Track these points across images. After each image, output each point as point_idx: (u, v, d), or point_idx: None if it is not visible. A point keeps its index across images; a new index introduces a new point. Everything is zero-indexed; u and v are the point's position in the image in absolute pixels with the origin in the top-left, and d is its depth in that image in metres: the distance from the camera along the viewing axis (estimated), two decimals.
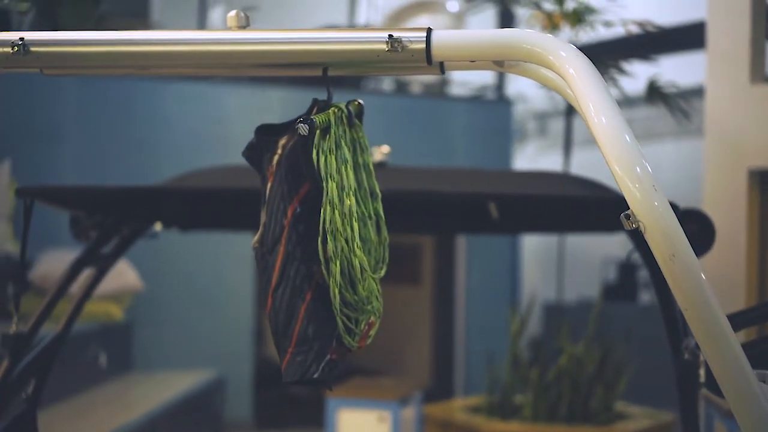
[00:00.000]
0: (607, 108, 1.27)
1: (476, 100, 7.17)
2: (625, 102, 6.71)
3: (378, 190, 1.54)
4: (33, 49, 1.46)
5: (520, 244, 7.52)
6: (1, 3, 6.09)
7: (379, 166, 2.54)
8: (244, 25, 1.50)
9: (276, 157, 1.46)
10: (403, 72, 1.49)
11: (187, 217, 2.86)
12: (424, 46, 1.37)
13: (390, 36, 1.37)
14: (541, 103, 8.65)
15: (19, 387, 2.24)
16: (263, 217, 1.47)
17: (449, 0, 6.90)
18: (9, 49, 1.45)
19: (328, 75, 1.46)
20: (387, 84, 7.27)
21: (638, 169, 1.23)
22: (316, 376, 1.41)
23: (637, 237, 2.44)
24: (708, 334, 1.25)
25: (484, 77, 7.21)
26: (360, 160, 1.52)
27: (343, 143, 1.44)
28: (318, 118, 1.41)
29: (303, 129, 1.38)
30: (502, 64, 1.51)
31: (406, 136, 6.70)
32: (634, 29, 4.30)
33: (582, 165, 7.46)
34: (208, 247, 6.15)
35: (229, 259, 6.31)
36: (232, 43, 1.43)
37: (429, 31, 1.38)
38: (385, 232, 1.54)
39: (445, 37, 1.38)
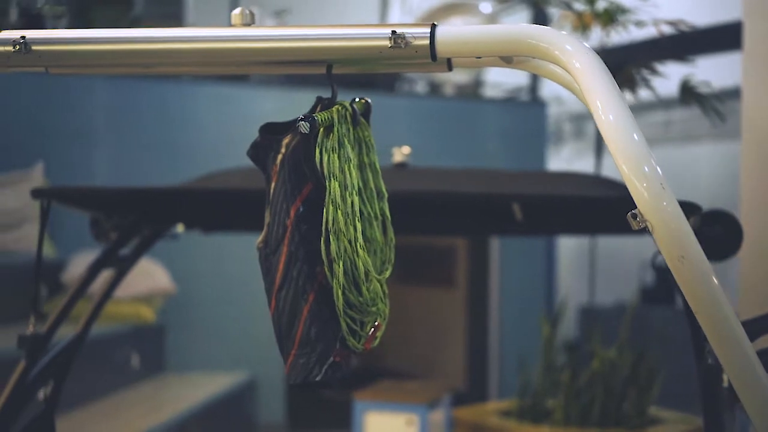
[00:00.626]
0: (614, 105, 1.23)
1: (510, 101, 7.12)
2: (662, 104, 6.63)
3: (384, 190, 1.51)
4: (35, 47, 1.44)
5: (556, 246, 7.46)
6: (35, 8, 6.14)
7: (400, 167, 2.51)
8: (249, 23, 1.48)
9: (280, 156, 1.44)
10: (408, 69, 1.46)
11: (210, 219, 2.85)
12: (428, 42, 1.34)
13: (393, 32, 1.35)
14: (577, 105, 8.58)
15: (36, 388, 2.23)
16: (267, 218, 1.45)
17: (482, 1, 6.86)
18: (10, 48, 1.43)
19: (332, 72, 1.43)
20: (420, 86, 7.24)
21: (646, 168, 1.19)
22: (318, 378, 1.39)
23: None
24: (720, 339, 1.21)
25: (519, 79, 7.16)
26: (366, 160, 1.49)
27: (346, 141, 1.42)
28: (320, 116, 1.39)
29: (304, 127, 1.35)
30: (510, 60, 1.47)
31: (439, 138, 6.67)
32: (667, 29, 4.23)
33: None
34: (241, 249, 6.15)
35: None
36: (232, 40, 1.41)
37: (433, 26, 1.35)
38: (391, 233, 1.51)
39: (449, 33, 1.35)
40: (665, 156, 7.94)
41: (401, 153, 2.51)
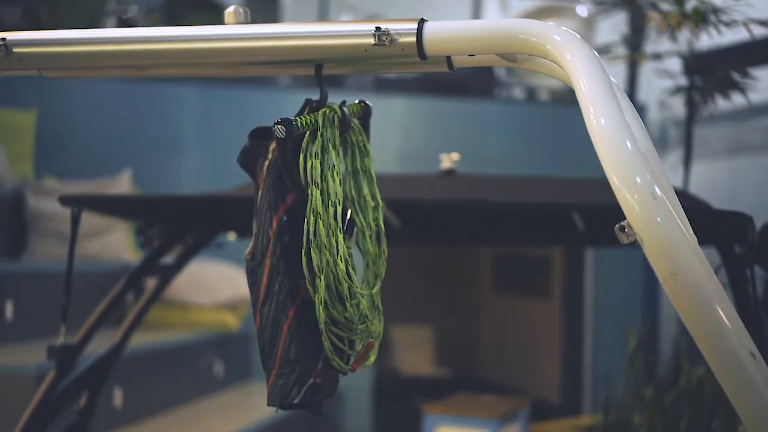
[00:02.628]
0: (607, 107, 1.11)
1: None
2: (752, 111, 6.36)
3: (380, 198, 1.41)
4: (15, 50, 1.38)
5: None
6: (127, 16, 6.20)
7: (448, 173, 2.41)
8: (243, 21, 1.39)
9: (266, 163, 1.35)
10: (404, 68, 1.36)
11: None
12: (414, 39, 1.24)
13: (377, 28, 1.25)
14: (683, 111, 8.29)
15: (66, 400, 2.19)
16: (254, 228, 1.37)
17: (579, 4, 6.68)
18: None
19: (322, 72, 1.34)
20: (518, 91, 7.10)
21: (638, 179, 1.07)
22: (296, 401, 1.29)
23: (727, 252, 2.24)
24: (719, 364, 1.08)
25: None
26: (360, 166, 1.40)
27: (330, 147, 1.32)
28: (300, 120, 1.30)
29: (279, 131, 1.26)
30: (514, 59, 1.36)
31: (533, 145, 6.52)
32: (758, 30, 4.02)
33: (726, 176, 7.12)
34: None
35: None
36: (215, 39, 1.33)
37: (421, 22, 1.25)
38: (384, 244, 1.41)
39: (438, 29, 1.24)
40: None
41: (450, 159, 2.40)
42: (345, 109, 1.36)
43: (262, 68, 1.40)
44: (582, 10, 6.63)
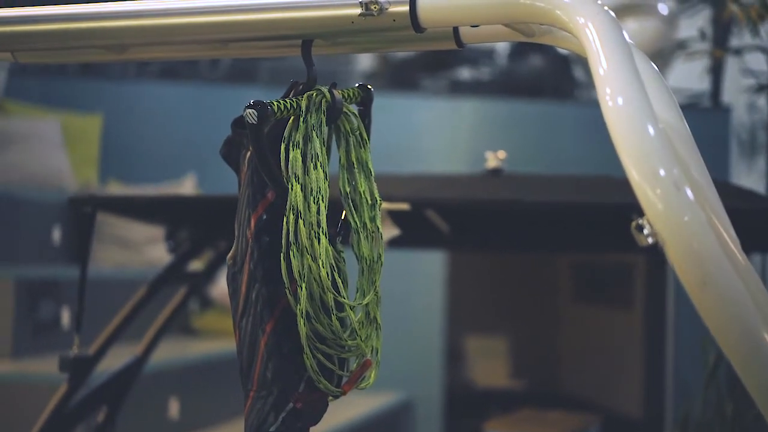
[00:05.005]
0: (626, 83, 0.92)
1: (689, 108, 6.63)
2: None
3: (378, 196, 1.23)
4: None
5: None
6: None
7: (494, 173, 2.22)
8: None
9: (248, 155, 1.18)
10: (401, 45, 1.19)
11: None
12: (407, 8, 1.06)
13: None
14: None
15: (81, 415, 2.05)
16: (236, 229, 1.20)
17: (660, 1, 6.41)
18: None
19: (310, 50, 1.16)
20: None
21: (661, 170, 0.87)
22: (273, 429, 1.12)
23: None
24: (756, 385, 0.88)
25: (700, 84, 6.65)
26: (355, 158, 1.21)
27: (314, 135, 1.14)
28: (278, 103, 1.12)
29: (251, 116, 1.09)
30: (530, 31, 1.17)
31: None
32: None
33: None
34: (396, 263, 5.94)
35: (418, 275, 6.08)
36: (185, 14, 1.16)
37: None
38: (381, 248, 1.23)
39: None
40: None
41: (496, 158, 2.21)
42: (335, 92, 1.18)
43: (244, 49, 1.24)
44: (663, 8, 6.35)
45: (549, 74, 6.59)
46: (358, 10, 1.07)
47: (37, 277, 4.22)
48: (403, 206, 1.76)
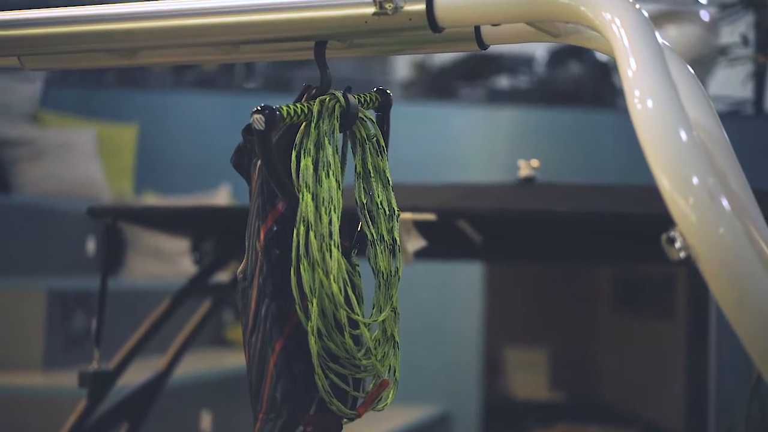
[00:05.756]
0: (656, 84, 0.85)
1: (732, 115, 6.52)
2: None
3: (396, 206, 1.16)
4: None
5: None
6: None
7: (527, 182, 2.14)
8: None
9: (259, 163, 1.13)
10: (419, 47, 1.13)
11: None
12: (424, 6, 1.00)
13: None
14: None
15: (102, 431, 2.00)
16: (246, 241, 1.14)
17: (702, 8, 6.30)
18: None
19: (324, 52, 1.10)
20: None
21: (694, 179, 0.80)
22: None
23: None
24: None
25: (743, 92, 6.53)
26: (371, 166, 1.15)
27: (327, 142, 1.07)
28: (288, 108, 1.06)
29: (258, 122, 1.03)
30: (556, 31, 1.10)
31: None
32: None
33: None
34: (434, 275, 5.87)
35: (455, 286, 6.00)
36: (193, 15, 1.11)
37: None
38: (399, 261, 1.16)
39: None
40: None
41: (529, 166, 2.14)
42: (350, 96, 1.11)
43: (257, 52, 1.18)
44: (704, 14, 6.24)
45: (588, 82, 6.51)
46: (371, 9, 1.01)
47: (69, 289, 4.19)
48: (430, 216, 1.69)
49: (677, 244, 0.80)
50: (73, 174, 5.10)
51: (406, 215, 1.72)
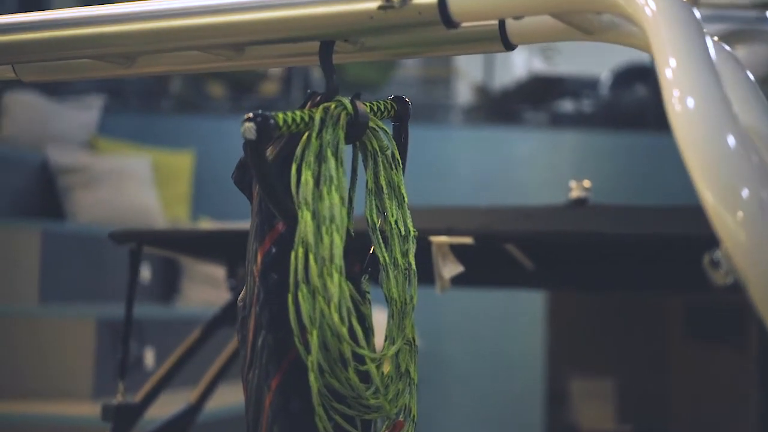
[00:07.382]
0: (699, 82, 0.72)
1: None
2: None
3: (411, 227, 1.04)
4: None
5: None
6: None
7: (578, 203, 2.01)
8: None
9: None
10: (435, 49, 1.01)
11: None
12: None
13: None
14: None
15: None
16: (246, 266, 1.03)
17: None
18: None
19: (330, 54, 0.99)
20: None
21: (743, 192, 0.68)
22: None
23: None
24: None
25: None
26: (385, 181, 1.03)
27: (329, 154, 0.95)
28: (286, 115, 0.94)
29: (249, 130, 0.91)
30: (589, 27, 0.98)
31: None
32: None
33: None
34: (495, 303, 5.73)
35: (517, 314, 5.85)
36: (189, 14, 1.00)
37: None
38: (414, 288, 1.03)
39: None
40: None
41: (581, 187, 2.00)
42: (359, 104, 0.99)
43: (261, 58, 1.07)
44: None
45: (653, 105, 6.34)
46: (376, 3, 0.90)
47: (120, 317, 4.12)
48: (467, 240, 1.57)
49: (722, 267, 0.67)
50: (127, 201, 5.05)
51: (442, 239, 1.59)
